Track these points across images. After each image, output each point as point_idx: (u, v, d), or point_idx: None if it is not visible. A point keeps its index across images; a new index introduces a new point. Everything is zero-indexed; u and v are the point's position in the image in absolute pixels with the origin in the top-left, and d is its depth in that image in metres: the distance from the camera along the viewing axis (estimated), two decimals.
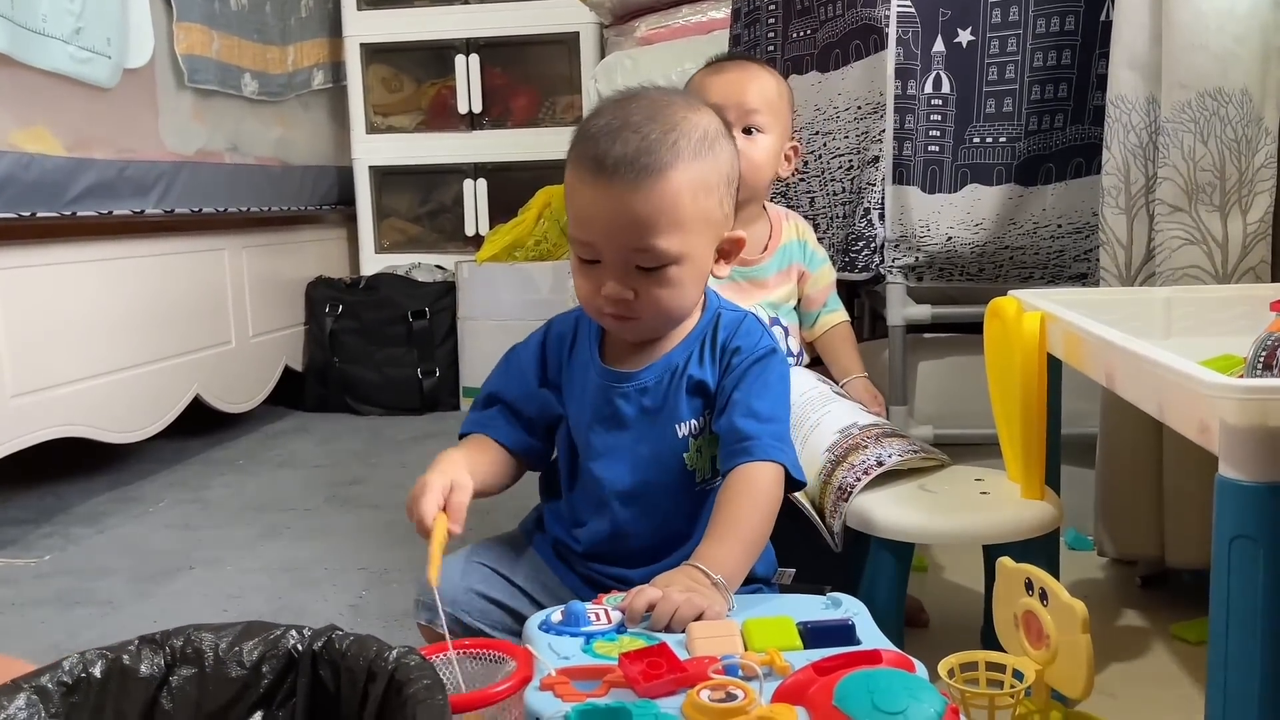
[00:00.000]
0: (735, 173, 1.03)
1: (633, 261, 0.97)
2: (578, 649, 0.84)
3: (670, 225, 0.96)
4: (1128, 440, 1.40)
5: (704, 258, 1.01)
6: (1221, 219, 1.29)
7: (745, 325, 1.07)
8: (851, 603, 0.92)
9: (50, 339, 2.06)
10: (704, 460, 1.06)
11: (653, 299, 0.99)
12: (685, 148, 0.96)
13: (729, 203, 1.02)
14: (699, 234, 0.99)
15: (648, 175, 0.94)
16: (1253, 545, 0.73)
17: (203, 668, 0.73)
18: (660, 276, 0.98)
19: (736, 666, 0.78)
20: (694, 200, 0.97)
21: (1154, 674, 1.24)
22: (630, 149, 0.94)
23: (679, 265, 0.98)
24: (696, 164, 0.97)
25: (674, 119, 0.97)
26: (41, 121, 2.05)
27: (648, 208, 0.95)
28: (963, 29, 1.60)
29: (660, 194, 0.95)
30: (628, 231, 0.96)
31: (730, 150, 1.02)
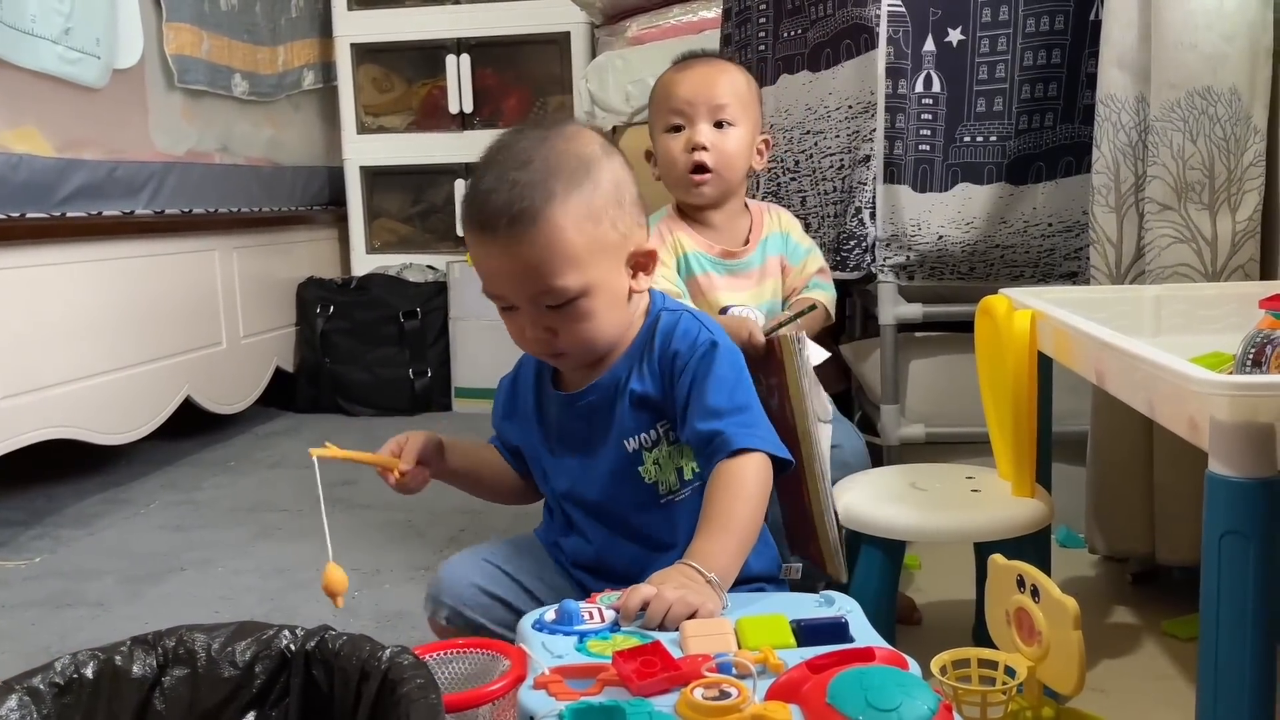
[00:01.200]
0: (625, 190, 1.02)
1: (541, 303, 0.98)
2: (571, 647, 0.84)
3: (563, 264, 0.96)
4: (1118, 437, 1.40)
5: (613, 282, 1.01)
6: (1211, 217, 1.30)
7: (681, 328, 1.05)
8: (845, 600, 0.92)
9: (40, 340, 2.05)
10: (666, 472, 1.06)
11: (571, 333, 1.00)
12: (558, 186, 0.96)
13: (625, 219, 1.01)
14: (598, 262, 0.98)
15: (526, 224, 0.95)
16: (1243, 541, 0.73)
17: (195, 668, 0.73)
18: (572, 312, 0.99)
19: (730, 664, 0.78)
20: (581, 233, 0.97)
21: (1145, 670, 1.24)
22: (503, 200, 0.95)
23: (587, 297, 0.98)
24: (575, 197, 0.97)
25: (544, 158, 0.97)
26: (31, 122, 2.04)
27: (535, 254, 0.96)
28: (953, 28, 1.61)
29: (543, 238, 0.95)
30: (525, 280, 0.97)
31: (614, 167, 1.01)
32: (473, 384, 2.97)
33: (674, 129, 1.44)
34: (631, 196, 1.03)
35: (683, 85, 1.43)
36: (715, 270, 1.46)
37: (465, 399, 3.00)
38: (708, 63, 1.46)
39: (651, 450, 1.05)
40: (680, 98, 1.43)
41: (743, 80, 1.47)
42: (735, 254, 1.46)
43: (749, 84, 1.47)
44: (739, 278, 1.46)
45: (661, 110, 1.45)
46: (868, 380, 1.84)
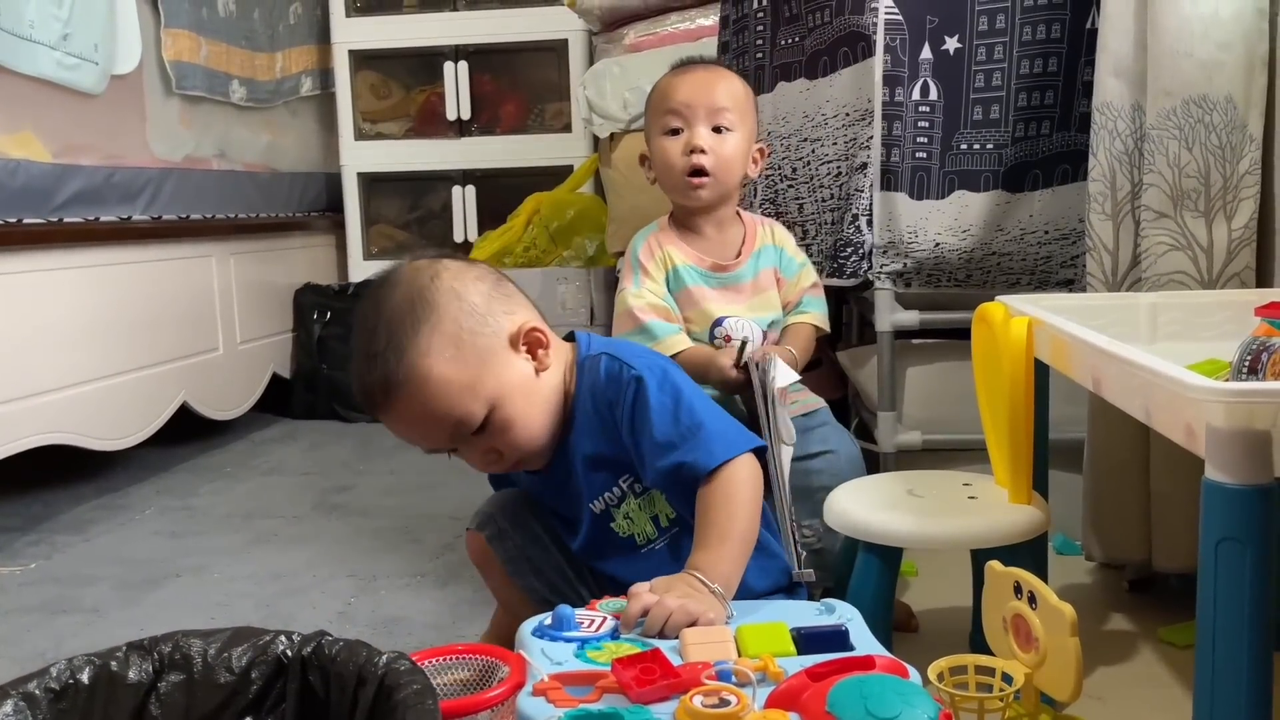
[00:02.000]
0: (467, 292, 1.02)
1: (464, 437, 1.00)
2: (570, 654, 0.84)
3: (455, 399, 0.97)
4: (1115, 444, 1.40)
5: (512, 380, 1.01)
6: (1206, 225, 1.30)
7: (604, 375, 1.04)
8: (845, 608, 0.92)
9: (37, 346, 2.05)
10: (640, 524, 1.06)
11: (508, 444, 1.01)
12: (406, 338, 0.97)
13: (483, 320, 1.01)
14: (485, 375, 0.99)
15: (400, 388, 0.97)
16: (1239, 548, 0.73)
17: (191, 674, 0.72)
18: (493, 429, 0.99)
19: (730, 672, 0.78)
20: (452, 363, 0.98)
21: (1142, 677, 1.24)
22: (371, 378, 0.98)
23: (498, 410, 0.99)
24: (425, 338, 0.98)
25: (385, 319, 0.99)
26: (28, 127, 2.04)
27: (425, 407, 0.98)
28: (950, 36, 1.61)
29: (422, 391, 0.97)
30: (435, 430, 0.99)
31: (445, 282, 1.01)
32: None
33: (672, 132, 1.44)
34: (480, 294, 1.02)
35: (681, 89, 1.43)
36: (706, 283, 1.46)
37: None
38: (706, 68, 1.47)
39: (620, 506, 1.05)
40: (679, 101, 1.43)
41: (740, 87, 1.47)
42: (726, 267, 1.46)
43: (746, 91, 1.48)
44: (730, 290, 1.46)
45: (659, 113, 1.45)
46: (864, 387, 1.84)
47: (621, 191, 2.39)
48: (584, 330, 1.15)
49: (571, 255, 2.92)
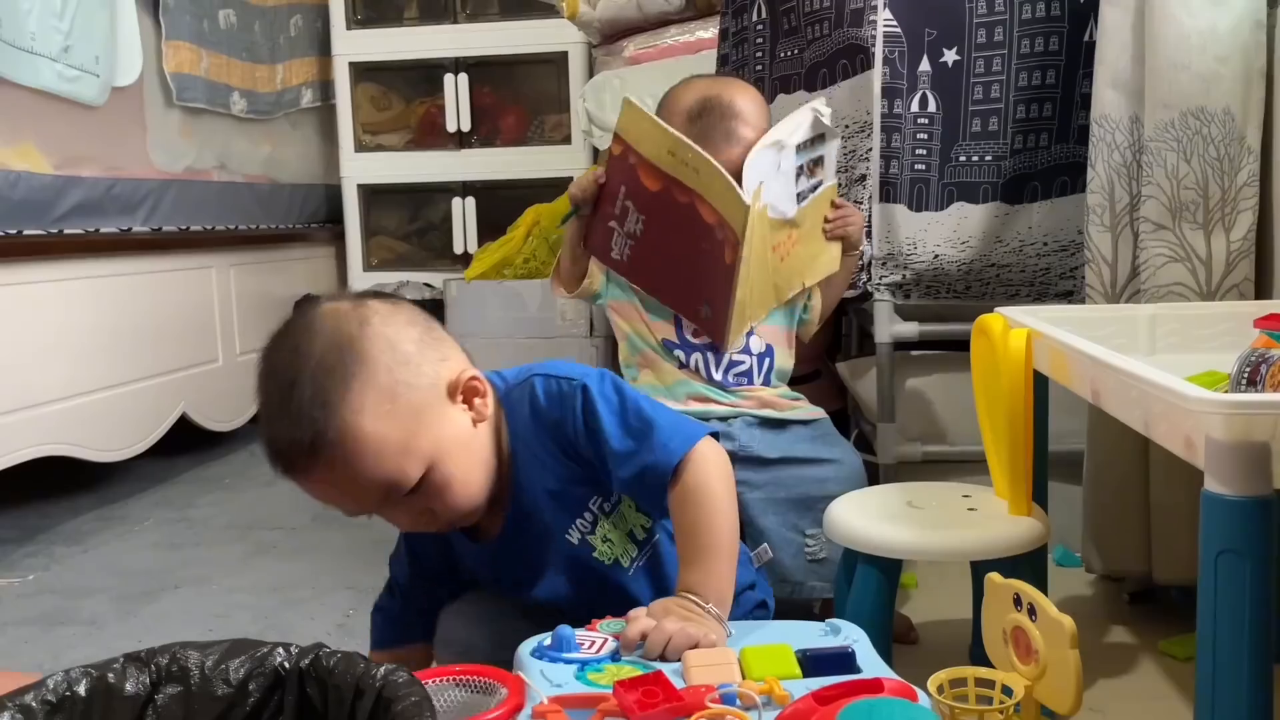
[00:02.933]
0: (400, 339, 0.91)
1: (396, 499, 0.90)
2: (571, 676, 0.82)
3: (389, 460, 0.87)
4: (1114, 456, 1.40)
5: (449, 435, 0.91)
6: (1205, 237, 1.30)
7: (543, 397, 0.96)
8: (851, 629, 0.90)
9: (36, 357, 2.05)
10: (619, 545, 1.00)
11: (444, 504, 0.92)
12: (334, 392, 0.86)
13: (418, 370, 0.91)
14: (422, 431, 0.89)
15: (326, 449, 0.86)
16: (1239, 560, 0.73)
17: (188, 686, 0.72)
18: (429, 489, 0.90)
19: (734, 695, 0.76)
20: (387, 419, 0.87)
21: (1142, 690, 1.24)
22: (291, 436, 0.86)
23: (434, 469, 0.90)
24: (357, 391, 0.86)
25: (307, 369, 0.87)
26: (29, 139, 2.05)
27: (355, 469, 0.87)
28: (948, 49, 1.62)
29: (352, 451, 0.86)
30: (364, 493, 0.89)
31: (375, 328, 0.90)
32: None
33: None
34: (413, 341, 0.91)
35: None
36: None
37: None
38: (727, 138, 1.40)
39: (594, 532, 0.99)
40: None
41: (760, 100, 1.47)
42: None
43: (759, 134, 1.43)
44: None
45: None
46: (864, 399, 1.84)
47: None
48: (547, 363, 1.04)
49: None
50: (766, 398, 1.41)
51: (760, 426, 1.38)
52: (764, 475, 1.36)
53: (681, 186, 1.31)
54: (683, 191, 1.31)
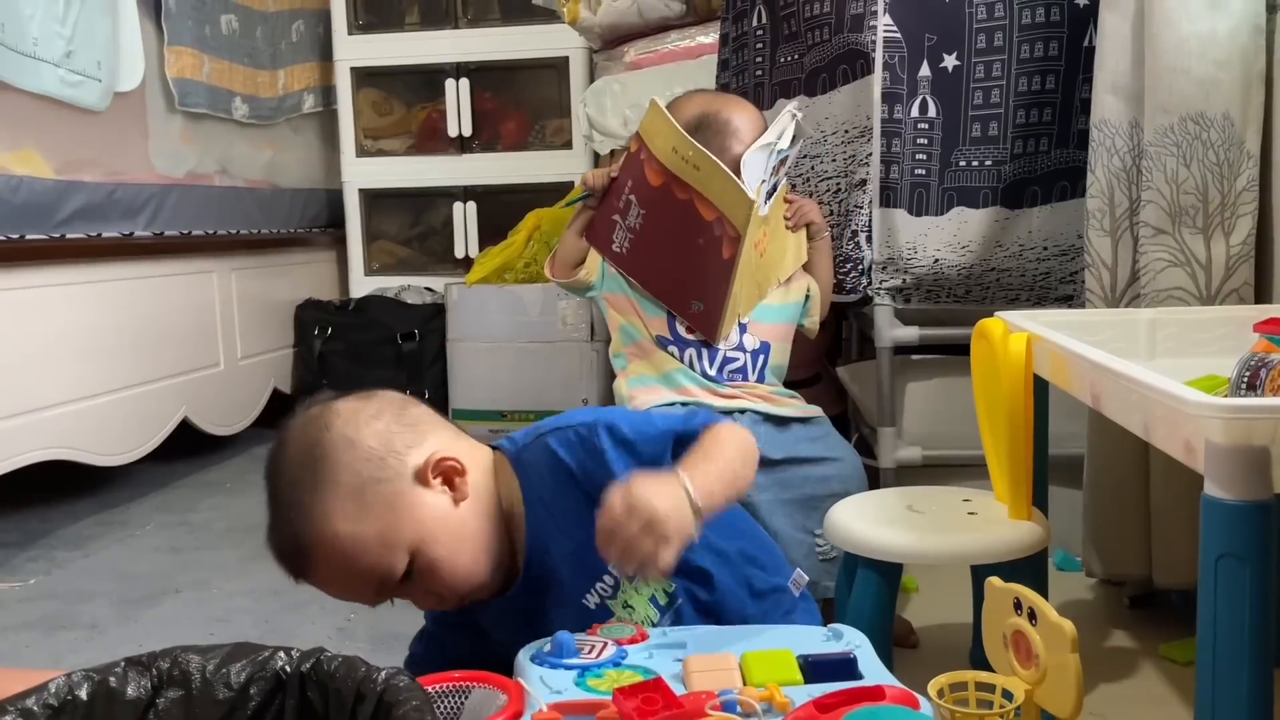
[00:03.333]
0: (363, 438, 0.92)
1: (391, 588, 0.92)
2: (570, 682, 0.81)
3: (369, 558, 0.90)
4: (1114, 461, 1.40)
5: (429, 520, 0.92)
6: (1205, 241, 1.31)
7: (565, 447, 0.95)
8: (853, 635, 0.90)
9: (38, 361, 2.05)
10: (640, 612, 0.97)
11: (442, 585, 0.93)
12: (306, 502, 0.90)
13: (385, 464, 0.92)
14: (397, 524, 0.90)
15: (309, 555, 0.91)
16: (1239, 564, 0.73)
17: (190, 690, 0.72)
18: (421, 575, 0.92)
19: (735, 703, 0.76)
20: (359, 520, 0.89)
21: (1142, 694, 1.24)
22: (280, 546, 0.92)
23: (420, 556, 0.91)
24: (327, 499, 0.89)
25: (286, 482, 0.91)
26: (31, 144, 2.05)
27: (338, 571, 0.91)
28: (948, 54, 1.62)
29: (331, 555, 0.90)
30: (358, 589, 0.93)
31: (338, 430, 0.92)
32: (471, 405, 2.97)
33: None
34: (376, 434, 0.93)
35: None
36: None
37: (463, 420, 2.99)
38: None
39: (615, 597, 0.96)
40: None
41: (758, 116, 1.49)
42: None
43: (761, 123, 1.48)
44: None
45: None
46: (864, 403, 1.84)
47: None
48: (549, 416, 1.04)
49: None
50: (762, 394, 1.42)
51: (765, 423, 1.39)
52: (770, 477, 1.37)
53: (681, 183, 1.35)
54: (682, 188, 1.34)
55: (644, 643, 0.89)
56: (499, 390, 2.92)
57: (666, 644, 0.89)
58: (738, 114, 1.47)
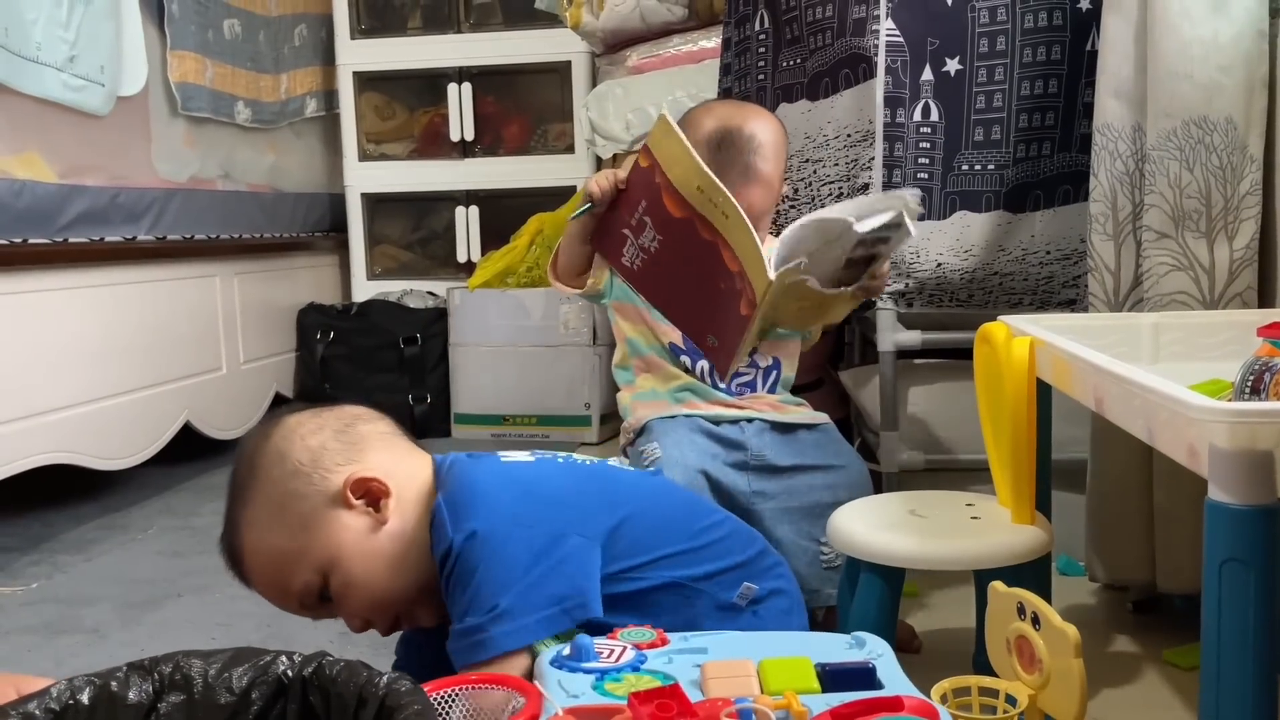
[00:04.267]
0: (293, 452, 0.94)
1: (313, 606, 0.95)
2: (588, 687, 0.81)
3: (286, 573, 0.92)
4: (1118, 465, 1.40)
5: (344, 538, 0.92)
6: (1208, 245, 1.30)
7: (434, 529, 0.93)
8: (876, 643, 0.89)
9: (40, 365, 2.05)
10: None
11: (361, 607, 0.94)
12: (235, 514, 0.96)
13: (310, 480, 0.93)
14: (312, 543, 0.92)
15: (237, 565, 0.97)
16: (1243, 569, 0.73)
17: (191, 694, 0.72)
18: (337, 596, 0.94)
19: (751, 711, 0.75)
20: (277, 534, 0.93)
21: (1146, 700, 1.23)
22: (225, 553, 0.98)
23: (333, 575, 0.92)
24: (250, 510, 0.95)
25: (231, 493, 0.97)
26: (34, 148, 2.05)
27: (261, 581, 0.96)
28: (950, 58, 1.62)
29: (252, 566, 0.95)
30: (286, 603, 0.96)
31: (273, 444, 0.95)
32: (472, 410, 2.97)
33: None
34: (309, 450, 0.94)
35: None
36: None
37: (465, 425, 3.00)
38: (744, 175, 1.37)
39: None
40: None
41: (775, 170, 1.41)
42: None
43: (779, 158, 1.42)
44: None
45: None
46: (867, 407, 1.84)
47: None
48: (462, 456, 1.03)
49: None
50: (770, 402, 1.42)
51: (772, 431, 1.39)
52: (778, 484, 1.37)
53: (708, 224, 1.23)
54: (708, 229, 1.22)
55: (664, 647, 0.88)
56: (501, 394, 2.92)
57: (687, 649, 0.88)
58: (762, 129, 1.42)
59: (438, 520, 0.93)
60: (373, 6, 3.30)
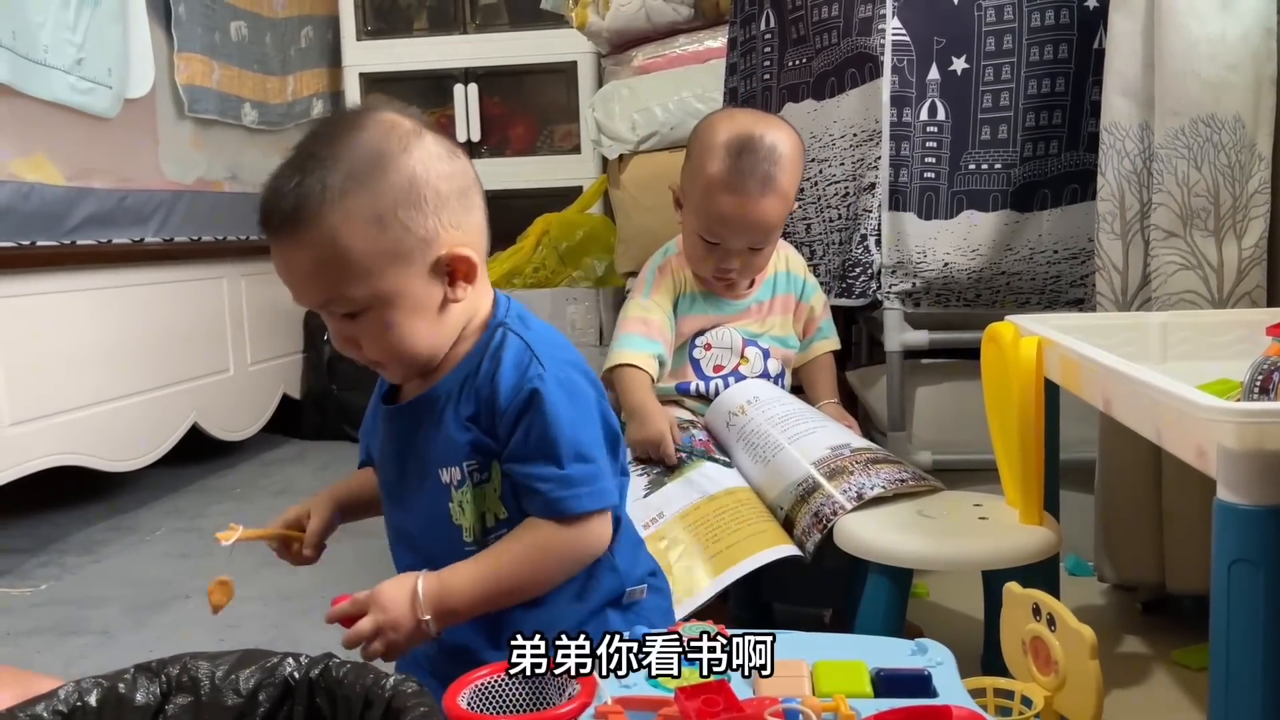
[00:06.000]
0: (430, 184, 0.89)
1: (333, 311, 0.90)
2: (642, 678, 0.81)
3: (343, 272, 0.86)
4: (1126, 465, 1.40)
5: (413, 291, 0.89)
6: (1216, 244, 1.30)
7: (509, 358, 0.92)
8: (938, 651, 0.88)
9: (48, 367, 2.06)
10: (470, 517, 0.94)
11: (374, 344, 0.91)
12: (335, 183, 0.85)
13: (426, 221, 0.88)
14: (388, 270, 0.87)
15: (298, 226, 0.86)
16: (1252, 569, 0.72)
17: (199, 696, 0.72)
18: (367, 322, 0.89)
19: (797, 712, 0.74)
20: (363, 238, 0.86)
21: (1156, 701, 1.23)
22: (279, 199, 0.86)
23: (381, 308, 0.88)
24: (357, 197, 0.86)
25: (333, 154, 0.87)
26: (42, 151, 2.06)
27: (311, 260, 0.87)
28: (957, 57, 1.62)
29: (317, 243, 0.86)
30: (308, 287, 0.89)
31: (416, 161, 0.88)
32: None
33: (708, 240, 1.41)
34: (439, 194, 0.89)
35: (729, 208, 1.37)
36: (719, 309, 1.47)
37: None
38: (763, 186, 1.37)
39: (460, 488, 0.93)
40: (723, 222, 1.38)
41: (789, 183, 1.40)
42: (739, 295, 1.48)
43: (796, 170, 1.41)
44: (741, 315, 1.49)
45: (702, 210, 1.40)
46: (874, 408, 1.84)
47: (630, 212, 2.39)
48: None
49: (580, 276, 2.93)
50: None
51: None
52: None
53: None
54: None
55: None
56: None
57: None
58: (782, 139, 1.40)
59: (511, 351, 0.92)
60: (379, 8, 3.30)
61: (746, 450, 1.34)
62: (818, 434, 1.31)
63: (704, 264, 1.44)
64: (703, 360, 1.47)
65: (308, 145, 0.89)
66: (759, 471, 1.31)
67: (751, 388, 1.42)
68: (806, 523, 1.22)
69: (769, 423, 1.33)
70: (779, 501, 1.27)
